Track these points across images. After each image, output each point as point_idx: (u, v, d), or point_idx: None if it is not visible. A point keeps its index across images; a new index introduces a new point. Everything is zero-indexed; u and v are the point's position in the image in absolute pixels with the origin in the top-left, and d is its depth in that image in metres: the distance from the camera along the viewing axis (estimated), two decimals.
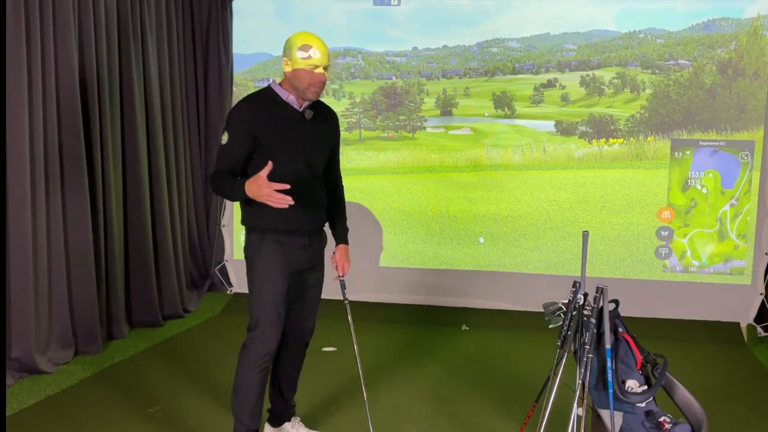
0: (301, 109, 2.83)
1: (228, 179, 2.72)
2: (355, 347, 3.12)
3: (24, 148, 3.84)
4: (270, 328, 2.82)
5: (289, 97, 2.81)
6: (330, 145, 2.99)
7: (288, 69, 2.76)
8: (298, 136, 2.81)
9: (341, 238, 3.11)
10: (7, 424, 3.31)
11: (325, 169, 2.99)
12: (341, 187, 3.15)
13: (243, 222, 2.89)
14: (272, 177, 2.57)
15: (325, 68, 2.76)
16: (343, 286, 3.12)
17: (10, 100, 3.77)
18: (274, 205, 2.52)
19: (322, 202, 2.97)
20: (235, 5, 5.73)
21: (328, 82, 3.00)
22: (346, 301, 3.13)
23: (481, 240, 5.49)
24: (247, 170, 2.78)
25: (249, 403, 2.87)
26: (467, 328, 5.16)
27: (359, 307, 5.45)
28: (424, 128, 5.61)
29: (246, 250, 2.88)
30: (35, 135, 3.94)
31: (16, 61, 3.79)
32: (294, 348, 3.07)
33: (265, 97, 2.83)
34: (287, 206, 2.53)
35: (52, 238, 4.10)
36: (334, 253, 3.11)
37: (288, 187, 2.54)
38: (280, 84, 2.83)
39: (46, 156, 4.04)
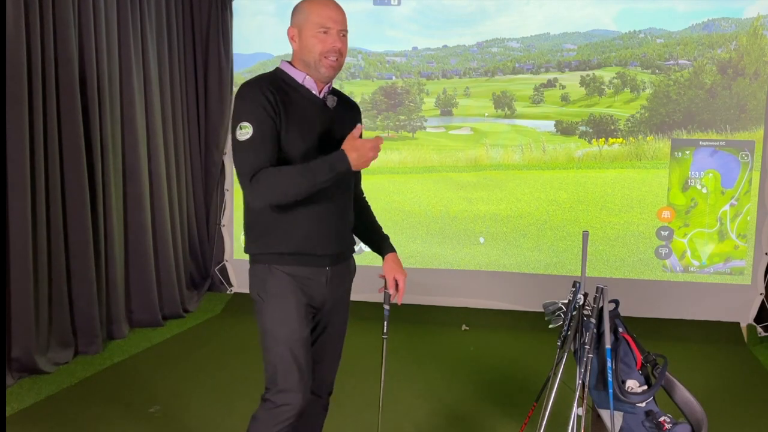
0: (321, 96, 2.19)
1: (289, 168, 2.02)
2: (381, 391, 2.51)
3: (24, 148, 3.84)
4: (294, 385, 2.11)
5: (306, 79, 2.15)
6: None
7: (295, 41, 2.15)
8: (322, 129, 2.16)
9: (387, 246, 2.49)
10: (7, 424, 3.31)
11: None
12: (364, 196, 2.58)
13: (246, 249, 2.23)
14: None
15: (343, 33, 2.13)
16: (388, 310, 2.41)
17: (10, 101, 3.77)
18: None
19: (350, 217, 2.31)
20: (235, 5, 5.72)
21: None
22: (384, 336, 2.42)
23: (481, 240, 5.49)
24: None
25: None
26: (467, 328, 5.16)
27: (359, 306, 5.47)
28: (424, 128, 5.60)
29: (251, 287, 2.20)
30: (35, 135, 3.94)
31: (17, 62, 3.79)
32: (312, 402, 2.31)
33: (275, 78, 2.14)
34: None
35: (52, 238, 4.10)
36: (382, 275, 2.46)
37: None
38: (290, 63, 2.19)
39: (46, 156, 4.04)
